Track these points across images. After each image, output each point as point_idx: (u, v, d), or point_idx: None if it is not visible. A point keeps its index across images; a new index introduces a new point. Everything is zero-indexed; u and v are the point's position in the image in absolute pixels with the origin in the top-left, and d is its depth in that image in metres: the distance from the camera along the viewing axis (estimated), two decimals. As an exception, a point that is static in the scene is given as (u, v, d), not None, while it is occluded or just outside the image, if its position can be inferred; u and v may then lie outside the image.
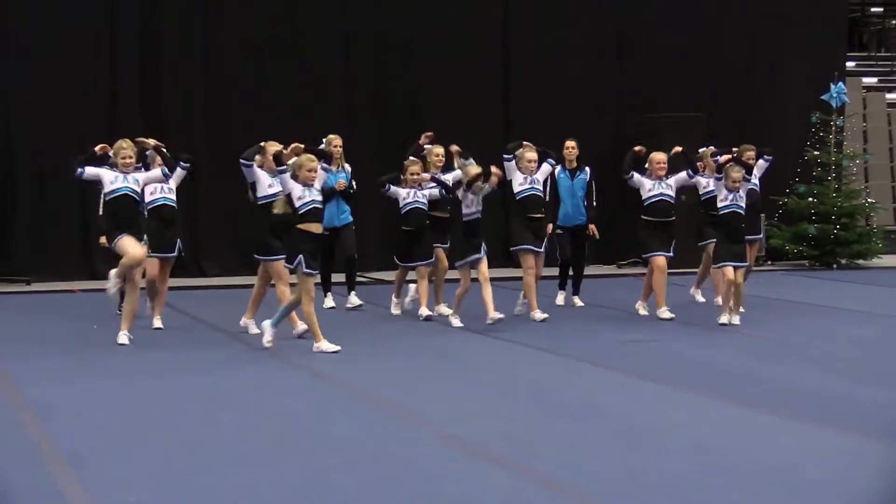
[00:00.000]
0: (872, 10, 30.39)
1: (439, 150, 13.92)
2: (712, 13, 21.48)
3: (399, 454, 7.58)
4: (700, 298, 14.51)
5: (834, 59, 21.69)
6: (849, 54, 24.90)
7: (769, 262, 20.05)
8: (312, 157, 11.59)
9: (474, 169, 12.79)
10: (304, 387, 10.09)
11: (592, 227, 14.36)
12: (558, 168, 14.08)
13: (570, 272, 14.65)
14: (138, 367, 10.91)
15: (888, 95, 26.86)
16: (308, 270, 11.44)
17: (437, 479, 6.99)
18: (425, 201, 13.47)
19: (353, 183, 14.22)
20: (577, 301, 14.58)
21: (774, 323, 12.99)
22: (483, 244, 12.88)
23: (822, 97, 19.94)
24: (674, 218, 13.54)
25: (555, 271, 14.74)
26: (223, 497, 6.70)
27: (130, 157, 12.06)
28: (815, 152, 20.04)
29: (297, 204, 11.44)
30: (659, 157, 13.45)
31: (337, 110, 19.24)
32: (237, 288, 17.00)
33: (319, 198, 11.58)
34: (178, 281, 17.93)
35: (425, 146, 14.10)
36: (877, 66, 28.50)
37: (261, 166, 12.20)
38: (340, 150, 13.95)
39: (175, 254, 13.13)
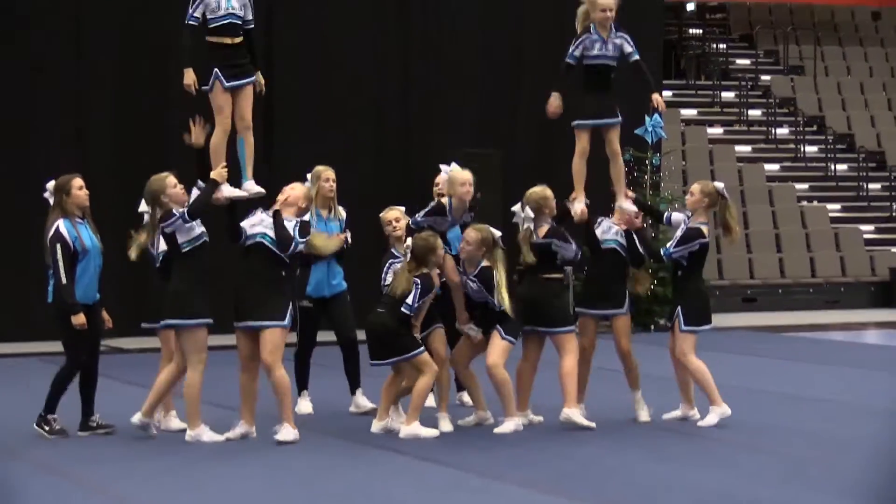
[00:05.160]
0: (691, 31, 31.05)
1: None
2: (508, 35, 21.37)
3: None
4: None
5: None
6: (665, 82, 25.51)
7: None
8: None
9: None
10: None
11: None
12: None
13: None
14: None
15: (709, 130, 27.25)
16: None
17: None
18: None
19: (349, 236, 11.78)
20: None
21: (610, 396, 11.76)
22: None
23: (636, 131, 18.36)
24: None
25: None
26: None
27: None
28: (629, 195, 19.04)
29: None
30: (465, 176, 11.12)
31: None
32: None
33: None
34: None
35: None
36: (696, 97, 29.00)
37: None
38: (333, 186, 11.68)
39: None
